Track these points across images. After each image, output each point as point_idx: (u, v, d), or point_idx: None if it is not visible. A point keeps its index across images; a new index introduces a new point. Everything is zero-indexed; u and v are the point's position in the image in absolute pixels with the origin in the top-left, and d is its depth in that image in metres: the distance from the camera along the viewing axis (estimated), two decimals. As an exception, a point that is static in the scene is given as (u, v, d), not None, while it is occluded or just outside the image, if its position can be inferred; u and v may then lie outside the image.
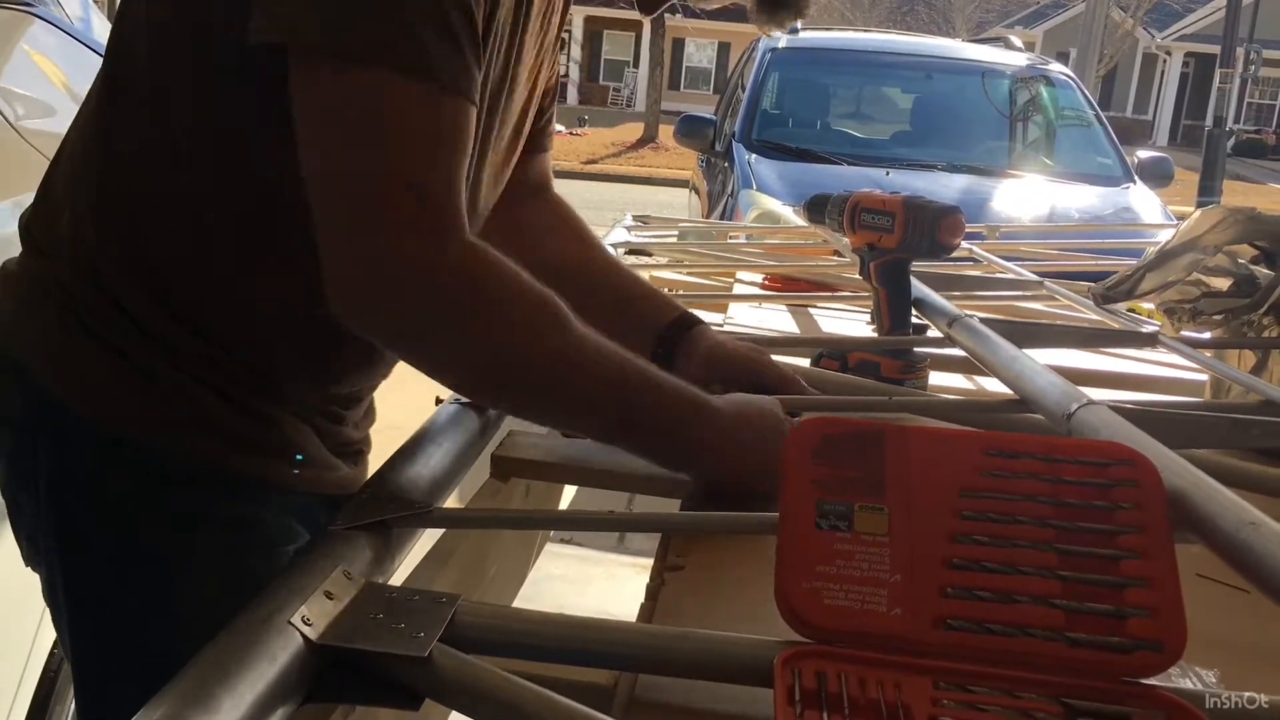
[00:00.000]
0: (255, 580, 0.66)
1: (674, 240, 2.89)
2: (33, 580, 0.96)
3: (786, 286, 2.16)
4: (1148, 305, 1.71)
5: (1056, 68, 5.98)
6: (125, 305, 0.87)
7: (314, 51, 0.75)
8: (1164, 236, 1.53)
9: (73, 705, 1.58)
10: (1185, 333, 1.43)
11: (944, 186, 4.57)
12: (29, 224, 0.94)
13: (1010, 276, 2.01)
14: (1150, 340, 1.40)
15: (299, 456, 0.94)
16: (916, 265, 1.39)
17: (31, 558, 0.95)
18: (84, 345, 0.87)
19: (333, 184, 0.76)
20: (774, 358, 1.13)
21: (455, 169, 0.78)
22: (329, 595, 0.62)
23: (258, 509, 0.93)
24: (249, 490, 0.92)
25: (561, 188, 1.18)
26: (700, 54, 31.39)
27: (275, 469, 0.93)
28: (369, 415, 1.08)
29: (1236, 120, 25.87)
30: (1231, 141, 19.69)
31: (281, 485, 0.93)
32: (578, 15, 30.08)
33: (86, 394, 0.88)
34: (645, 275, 2.33)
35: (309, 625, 0.58)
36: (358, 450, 1.04)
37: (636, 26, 29.02)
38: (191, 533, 0.90)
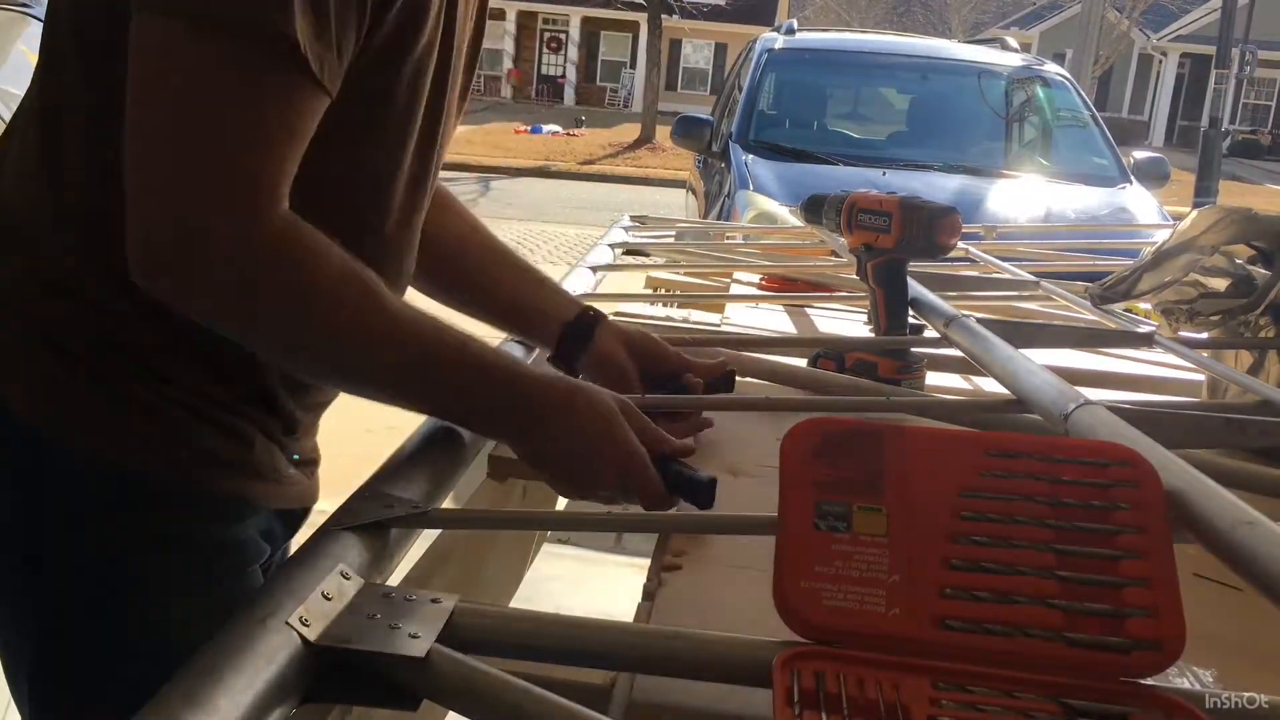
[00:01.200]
0: (230, 601, 0.65)
1: (671, 241, 2.89)
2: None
3: (784, 287, 2.16)
4: (1144, 305, 1.71)
5: (1052, 68, 5.99)
6: (95, 309, 0.85)
7: (161, 11, 0.73)
8: (1160, 237, 1.53)
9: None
10: (1182, 333, 1.43)
11: (940, 187, 4.57)
12: None
13: (1007, 277, 2.01)
14: (1147, 340, 1.40)
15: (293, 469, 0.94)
16: (913, 265, 1.39)
17: None
18: (52, 364, 0.85)
19: (155, 144, 0.74)
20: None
21: (280, 151, 0.76)
22: (326, 596, 0.61)
23: (233, 528, 0.92)
24: (226, 510, 0.92)
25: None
26: (697, 55, 31.39)
27: (251, 487, 0.92)
28: (316, 427, 1.06)
29: (1232, 121, 25.88)
30: (1227, 142, 19.72)
31: (256, 503, 0.93)
32: (575, 16, 30.10)
33: (57, 417, 0.86)
34: (642, 275, 2.34)
35: (306, 626, 0.58)
36: (312, 461, 1.04)
37: (633, 27, 29.00)
38: (170, 555, 0.89)
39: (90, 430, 0.86)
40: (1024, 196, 4.74)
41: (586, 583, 2.85)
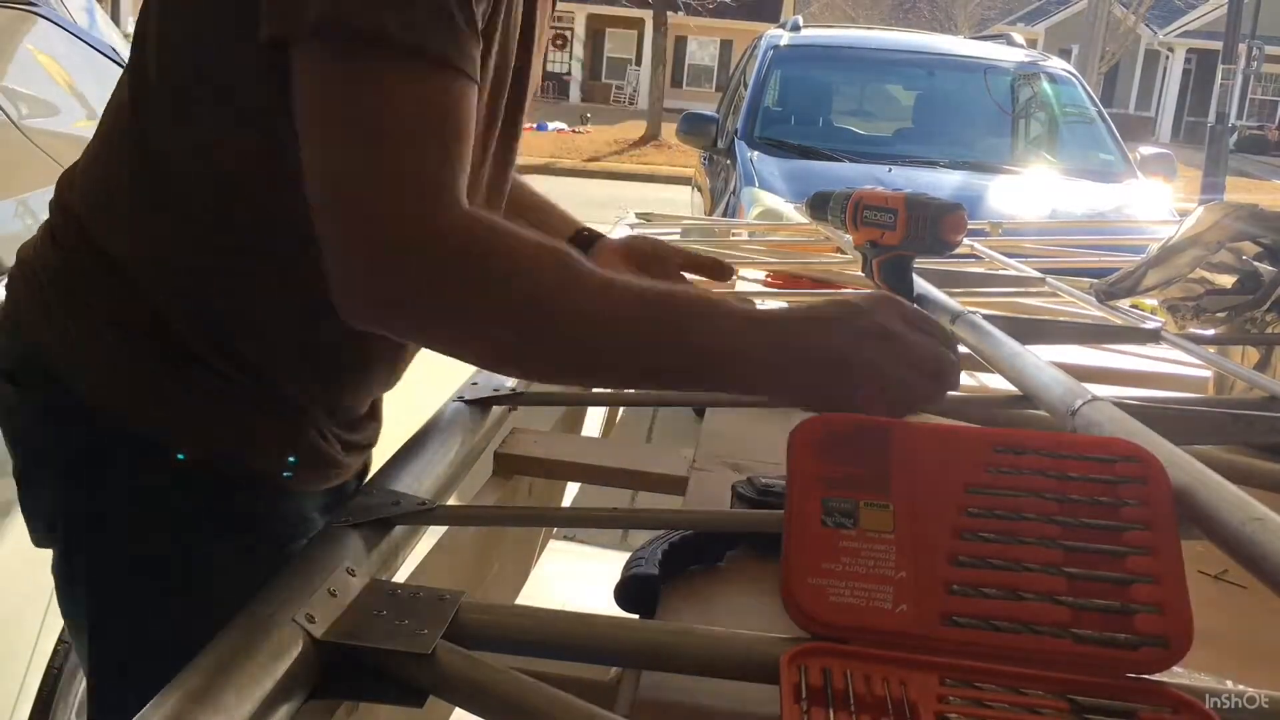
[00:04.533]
0: (273, 569, 0.66)
1: (677, 237, 2.89)
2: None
3: (789, 284, 2.16)
4: (1150, 301, 1.71)
5: (1058, 64, 5.98)
6: (159, 312, 0.86)
7: (308, 38, 0.72)
8: (1166, 233, 1.53)
9: (76, 704, 1.58)
10: (1188, 329, 1.42)
11: (946, 183, 4.56)
12: (60, 221, 0.92)
13: (1012, 273, 2.01)
14: (1153, 336, 1.39)
15: (291, 459, 0.94)
16: (919, 262, 1.39)
17: (45, 539, 0.93)
18: (116, 346, 0.86)
19: (330, 180, 0.74)
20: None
21: (451, 152, 0.75)
22: (333, 593, 0.62)
23: (282, 505, 0.92)
24: (276, 491, 0.91)
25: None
26: (702, 52, 31.37)
27: (304, 474, 0.92)
28: (376, 414, 1.05)
29: (1239, 116, 25.80)
30: (1234, 138, 19.66)
31: (305, 488, 0.93)
32: (580, 13, 30.06)
33: (114, 393, 0.86)
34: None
35: (313, 623, 0.58)
36: (367, 445, 1.03)
37: (639, 25, 29.00)
38: (217, 531, 0.89)
39: (151, 411, 0.87)
40: (1030, 193, 4.73)
41: (592, 579, 2.85)
